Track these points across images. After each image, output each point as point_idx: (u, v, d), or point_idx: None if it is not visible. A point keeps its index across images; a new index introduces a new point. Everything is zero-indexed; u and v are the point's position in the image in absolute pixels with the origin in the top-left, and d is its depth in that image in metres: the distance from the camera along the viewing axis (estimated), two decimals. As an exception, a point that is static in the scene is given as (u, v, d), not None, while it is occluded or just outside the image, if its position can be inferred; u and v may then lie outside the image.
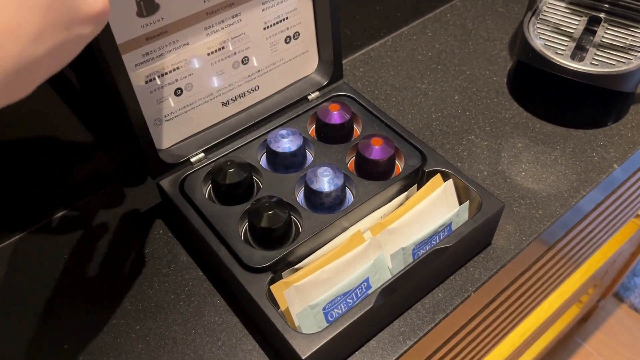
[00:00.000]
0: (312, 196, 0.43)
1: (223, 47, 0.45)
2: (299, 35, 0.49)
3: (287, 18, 0.48)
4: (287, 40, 0.49)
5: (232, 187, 0.43)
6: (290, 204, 0.43)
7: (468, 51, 0.64)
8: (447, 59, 0.63)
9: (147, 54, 0.41)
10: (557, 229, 0.50)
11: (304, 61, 0.51)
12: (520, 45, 0.55)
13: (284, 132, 0.46)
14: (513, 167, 0.52)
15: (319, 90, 0.52)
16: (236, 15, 0.44)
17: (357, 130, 0.50)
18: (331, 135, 0.48)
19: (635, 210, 0.85)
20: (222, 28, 0.44)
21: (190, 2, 0.41)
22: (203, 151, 0.46)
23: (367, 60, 0.63)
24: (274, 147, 0.45)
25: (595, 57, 0.52)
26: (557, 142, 0.54)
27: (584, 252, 0.76)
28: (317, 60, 0.52)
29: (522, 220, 0.48)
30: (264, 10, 0.46)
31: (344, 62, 0.62)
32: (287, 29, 0.48)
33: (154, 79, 0.42)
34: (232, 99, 0.48)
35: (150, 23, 0.40)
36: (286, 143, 0.45)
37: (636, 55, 0.52)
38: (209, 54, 0.44)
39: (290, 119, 0.50)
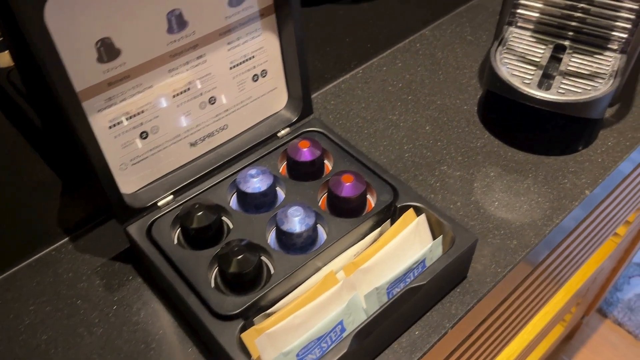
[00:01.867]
0: (284, 237, 0.42)
1: (189, 88, 0.44)
2: (266, 73, 0.49)
3: (253, 57, 0.47)
4: (255, 78, 0.48)
5: (200, 231, 0.42)
6: (261, 245, 0.42)
7: (438, 80, 0.64)
8: (417, 89, 0.63)
9: (110, 99, 0.40)
10: (539, 250, 0.50)
11: (273, 98, 0.51)
12: (488, 75, 0.55)
13: (253, 171, 0.45)
14: (486, 197, 0.52)
15: (289, 126, 0.51)
16: (201, 56, 0.44)
17: (329, 165, 0.49)
18: (302, 173, 0.48)
19: (614, 228, 0.85)
20: (187, 69, 0.43)
21: (153, 45, 0.40)
22: (172, 193, 0.46)
23: (338, 93, 0.63)
24: (243, 187, 0.44)
25: (562, 86, 0.52)
26: (529, 170, 0.54)
27: (564, 273, 0.76)
28: (287, 97, 0.52)
29: (497, 251, 0.48)
30: (229, 50, 0.45)
31: (315, 95, 0.62)
32: (254, 67, 0.48)
33: (118, 123, 0.41)
34: (200, 139, 0.47)
35: (112, 68, 0.39)
36: (256, 183, 0.44)
37: (601, 82, 0.52)
38: (174, 96, 0.44)
39: (261, 157, 0.49)
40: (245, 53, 0.46)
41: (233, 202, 0.46)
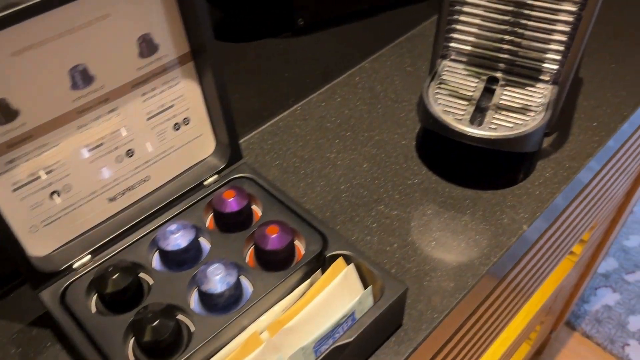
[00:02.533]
0: (205, 297, 0.40)
1: (102, 143, 0.42)
2: (189, 120, 0.47)
3: (172, 105, 0.46)
4: (176, 127, 0.47)
5: (116, 295, 0.40)
6: (181, 307, 0.40)
7: (377, 115, 0.63)
8: (356, 124, 0.62)
9: (11, 161, 0.38)
10: (485, 283, 0.49)
11: (198, 145, 0.49)
12: (421, 111, 0.54)
13: (173, 227, 0.43)
14: (423, 237, 0.51)
15: (217, 173, 0.49)
16: (113, 109, 0.42)
17: (259, 212, 0.48)
18: (229, 224, 0.46)
19: (567, 249, 0.85)
20: (99, 124, 0.42)
21: (56, 103, 0.39)
22: (90, 253, 0.43)
23: (276, 132, 0.61)
24: (163, 245, 0.42)
25: (494, 121, 0.52)
26: (467, 206, 0.53)
27: (519, 298, 0.75)
28: (214, 143, 0.50)
29: (433, 295, 0.47)
30: (144, 101, 0.43)
31: (251, 135, 0.61)
32: (175, 116, 0.46)
33: (24, 185, 0.39)
34: (120, 194, 0.45)
35: (11, 130, 0.37)
36: (176, 239, 0.42)
37: (533, 115, 0.52)
38: (85, 153, 0.42)
39: (187, 207, 0.47)
40: (163, 103, 0.45)
41: (156, 258, 0.44)
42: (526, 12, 0.53)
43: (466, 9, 0.54)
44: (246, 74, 0.69)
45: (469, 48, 0.57)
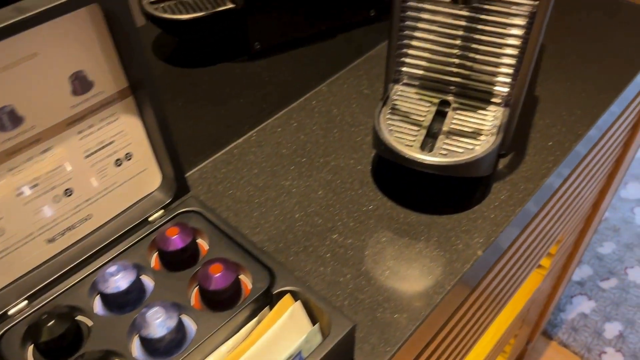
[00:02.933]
0: (145, 342, 0.39)
1: (37, 184, 0.41)
2: (131, 156, 0.46)
3: (113, 142, 0.44)
4: (118, 163, 0.45)
5: (53, 343, 0.38)
6: (120, 353, 0.39)
7: (333, 139, 0.62)
8: (312, 150, 0.61)
9: (-64, 208, 0.36)
10: (444, 307, 0.49)
11: (143, 180, 0.48)
12: (373, 138, 0.54)
13: (113, 269, 0.42)
14: (377, 266, 0.50)
15: (163, 208, 0.48)
16: (47, 149, 0.41)
17: (206, 247, 0.47)
18: (173, 262, 0.44)
19: (536, 261, 0.85)
20: (32, 165, 0.40)
21: (-17, 146, 0.37)
22: (26, 298, 0.42)
23: (230, 160, 0.60)
24: (102, 288, 0.41)
25: (445, 146, 0.51)
26: (422, 232, 0.53)
27: (487, 314, 0.75)
28: (160, 177, 0.49)
29: (386, 327, 0.46)
30: (81, 139, 0.42)
31: (205, 164, 0.60)
32: (115, 152, 0.45)
33: (-49, 232, 0.38)
34: (59, 234, 0.44)
35: None
36: (116, 281, 0.41)
37: (484, 140, 0.52)
38: (19, 195, 0.40)
39: (131, 245, 0.46)
40: (102, 139, 0.43)
41: (98, 301, 0.43)
42: (476, 36, 0.52)
43: (416, 33, 0.54)
44: (201, 100, 0.68)
45: (420, 72, 0.57)
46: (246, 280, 0.44)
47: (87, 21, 0.39)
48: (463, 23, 0.52)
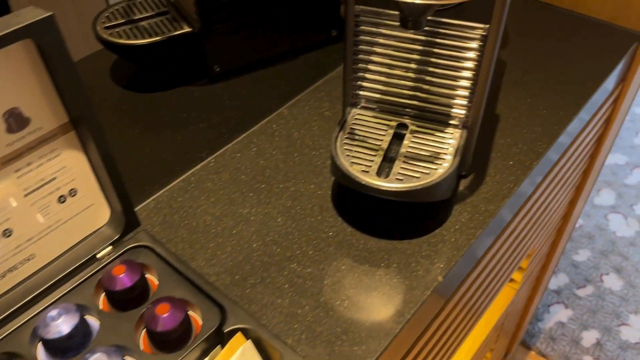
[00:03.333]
0: (87, 390, 0.37)
1: (-28, 226, 0.39)
2: (76, 191, 0.44)
3: (54, 178, 0.43)
4: (62, 199, 0.44)
5: (-13, 395, 0.36)
6: (61, 403, 0.37)
7: (293, 164, 0.61)
8: (271, 175, 0.60)
9: None
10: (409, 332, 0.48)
11: (90, 216, 0.46)
12: (331, 164, 0.53)
13: (54, 312, 0.40)
14: (336, 296, 0.49)
15: (111, 244, 0.47)
16: (-19, 190, 0.39)
17: (156, 283, 0.45)
18: (121, 301, 0.43)
19: (507, 276, 0.85)
20: (-35, 207, 0.38)
21: None
22: (-36, 346, 0.40)
23: (187, 188, 0.59)
24: (43, 333, 0.39)
25: (401, 171, 0.50)
26: (381, 259, 0.52)
27: (459, 332, 0.74)
28: (108, 212, 0.47)
29: (344, 361, 0.45)
30: (19, 177, 0.40)
31: (160, 193, 0.58)
32: (58, 189, 0.43)
33: None
34: (0, 276, 0.42)
35: None
36: (58, 325, 0.39)
37: (441, 164, 0.51)
38: (-48, 238, 0.38)
39: (78, 284, 0.44)
40: (42, 177, 0.42)
41: (40, 346, 0.41)
42: (431, 59, 0.52)
43: (371, 57, 0.54)
44: (159, 126, 0.66)
45: (377, 95, 0.56)
46: (197, 317, 0.43)
47: (20, 56, 0.38)
48: (418, 47, 0.52)
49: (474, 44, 0.49)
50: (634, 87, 0.89)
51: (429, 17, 0.49)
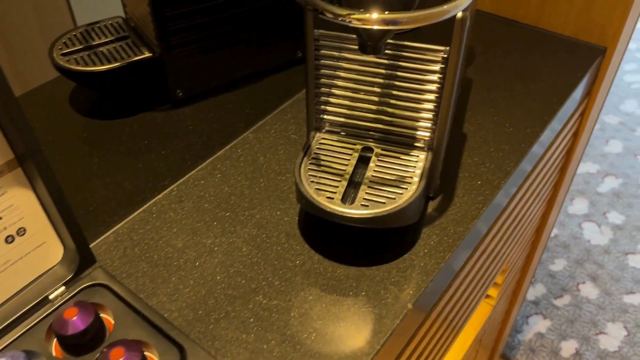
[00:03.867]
0: None
1: None
2: (25, 230, 0.42)
3: (0, 218, 0.41)
4: (9, 240, 0.42)
5: None
6: None
7: (259, 190, 0.60)
8: (236, 202, 0.58)
9: None
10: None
11: (42, 255, 0.44)
12: (295, 191, 0.51)
13: (0, 362, 0.37)
14: (303, 328, 0.47)
15: (65, 284, 0.44)
16: None
17: (112, 323, 0.43)
18: (74, 346, 0.41)
19: (483, 292, 0.84)
20: None
21: None
22: None
23: (148, 219, 0.57)
24: (-13, 385, 0.37)
25: (367, 197, 0.49)
26: (350, 287, 0.50)
27: (436, 351, 0.72)
28: (62, 250, 0.45)
29: (312, 398, 0.43)
30: (-40, 219, 0.38)
31: (120, 225, 0.56)
32: (5, 228, 0.41)
33: None
34: (-58, 325, 0.39)
35: None
36: (4, 376, 0.37)
37: (407, 188, 0.50)
38: None
39: (29, 328, 0.42)
40: (-14, 217, 0.40)
41: (-14, 397, 0.38)
42: (394, 82, 0.51)
43: (333, 80, 0.53)
44: (120, 154, 0.64)
45: (341, 119, 0.55)
46: (155, 359, 0.41)
47: (-42, 93, 0.36)
48: (381, 70, 0.51)
49: (436, 67, 0.48)
50: (599, 100, 0.90)
51: (390, 41, 0.48)
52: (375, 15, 0.39)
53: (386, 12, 0.39)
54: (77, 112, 0.70)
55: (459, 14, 0.44)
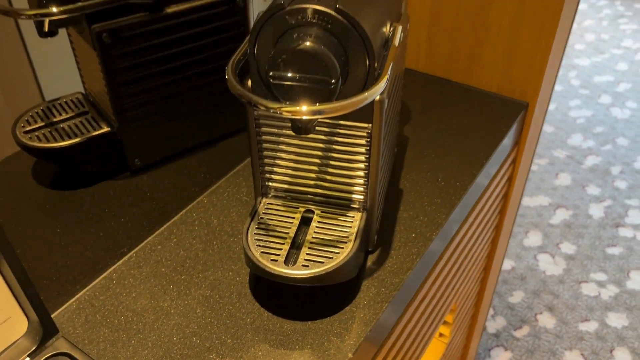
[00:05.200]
0: None
1: None
2: (-9, 308, 0.46)
3: (-32, 299, 0.44)
4: (-24, 318, 0.45)
5: None
6: None
7: (212, 252, 0.65)
8: (191, 265, 0.63)
9: None
10: None
11: (8, 329, 0.48)
12: (244, 254, 0.56)
13: None
14: (253, 382, 0.52)
15: (30, 355, 0.48)
16: None
17: (76, 391, 0.47)
18: (38, 413, 0.44)
19: (432, 331, 0.89)
20: None
21: None
22: None
23: (108, 285, 0.61)
24: None
25: (307, 257, 0.55)
26: (296, 341, 0.55)
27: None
28: (26, 323, 0.49)
29: None
30: None
31: (82, 293, 0.60)
32: (-28, 308, 0.45)
33: None
34: None
35: None
36: None
37: (343, 248, 0.56)
38: None
39: (-5, 400, 0.45)
40: (-45, 299, 0.44)
41: None
42: (330, 154, 0.57)
43: (276, 153, 0.59)
44: (81, 223, 0.69)
45: (285, 185, 0.61)
46: (115, 422, 0.44)
47: None
48: (318, 143, 0.57)
49: (362, 140, 0.55)
50: (529, 147, 0.98)
51: (322, 120, 0.55)
52: (304, 107, 0.45)
53: (315, 104, 0.46)
54: (39, 184, 0.74)
55: (377, 98, 0.51)
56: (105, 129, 0.72)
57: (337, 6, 0.46)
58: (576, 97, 2.74)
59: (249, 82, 0.52)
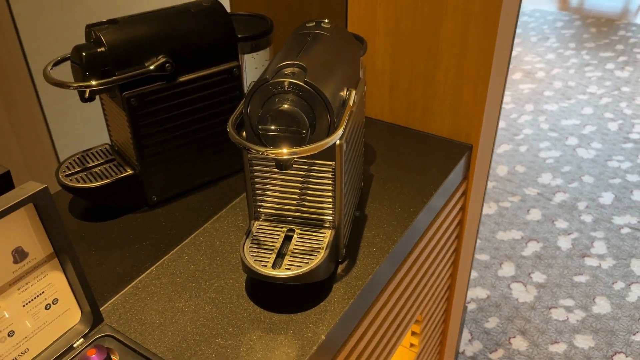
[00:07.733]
0: None
1: (-12, 330, 0.57)
2: (57, 300, 0.63)
3: (43, 292, 0.62)
4: (48, 307, 0.62)
5: None
6: None
7: (216, 265, 0.82)
8: (199, 276, 0.80)
9: None
10: None
11: (67, 317, 0.65)
12: (242, 263, 0.74)
13: (47, 385, 0.57)
14: (250, 358, 0.68)
15: (83, 337, 0.65)
16: (-5, 304, 0.57)
17: (118, 361, 0.63)
18: (93, 375, 0.61)
19: (400, 333, 1.04)
20: (-16, 317, 0.56)
21: (-50, 308, 0.54)
22: (-20, 419, 0.56)
23: (135, 292, 0.78)
24: (40, 400, 0.56)
25: (289, 263, 0.72)
26: (282, 328, 0.72)
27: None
28: (79, 313, 0.66)
29: (256, 401, 0.63)
30: (20, 293, 0.59)
31: (116, 297, 0.77)
32: (45, 299, 0.62)
33: None
34: (4, 366, 0.59)
35: None
36: (50, 394, 0.57)
37: (316, 256, 0.73)
38: (-26, 340, 0.56)
39: (60, 368, 0.62)
40: (35, 292, 0.61)
41: (36, 413, 0.58)
42: (308, 185, 0.76)
43: (266, 185, 0.77)
44: (111, 247, 0.86)
45: (273, 211, 0.79)
46: (149, 381, 0.61)
47: (25, 213, 0.58)
48: (297, 177, 0.76)
49: (329, 174, 0.74)
50: (478, 181, 1.17)
51: (298, 159, 0.74)
52: (284, 150, 0.64)
53: (292, 147, 0.65)
54: (75, 217, 0.92)
55: (337, 142, 0.70)
56: (129, 172, 0.90)
57: (306, 79, 0.66)
58: (545, 140, 2.97)
59: (244, 133, 0.71)
